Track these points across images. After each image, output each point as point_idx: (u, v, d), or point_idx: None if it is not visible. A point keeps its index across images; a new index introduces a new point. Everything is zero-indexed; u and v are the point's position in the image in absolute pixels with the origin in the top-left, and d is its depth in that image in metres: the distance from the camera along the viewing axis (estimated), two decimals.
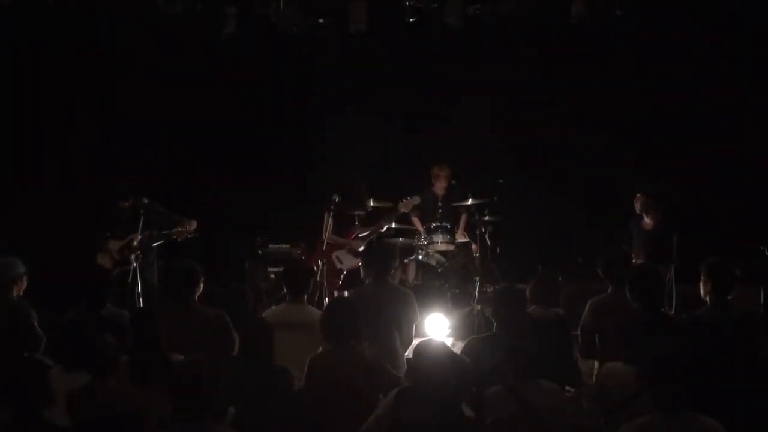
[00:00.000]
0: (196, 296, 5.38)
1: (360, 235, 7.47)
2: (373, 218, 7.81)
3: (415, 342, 5.69)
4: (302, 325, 5.08)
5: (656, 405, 3.37)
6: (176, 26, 8.11)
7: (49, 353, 4.82)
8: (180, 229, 7.20)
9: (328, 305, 4.77)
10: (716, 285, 4.72)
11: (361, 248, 7.41)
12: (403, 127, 9.04)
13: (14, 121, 8.74)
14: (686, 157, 8.49)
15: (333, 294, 7.32)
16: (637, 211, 7.34)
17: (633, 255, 7.05)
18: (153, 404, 3.84)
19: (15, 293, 5.54)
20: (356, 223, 7.52)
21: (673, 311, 6.56)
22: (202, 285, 5.45)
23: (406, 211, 7.73)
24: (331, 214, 7.11)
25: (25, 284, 5.63)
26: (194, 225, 7.29)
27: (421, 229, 8.41)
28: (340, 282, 7.36)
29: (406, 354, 5.39)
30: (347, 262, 7.39)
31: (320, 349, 4.71)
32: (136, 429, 3.75)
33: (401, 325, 5.35)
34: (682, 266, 6.88)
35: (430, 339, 3.98)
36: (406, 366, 5.15)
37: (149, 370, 4.13)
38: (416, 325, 5.59)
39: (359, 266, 7.36)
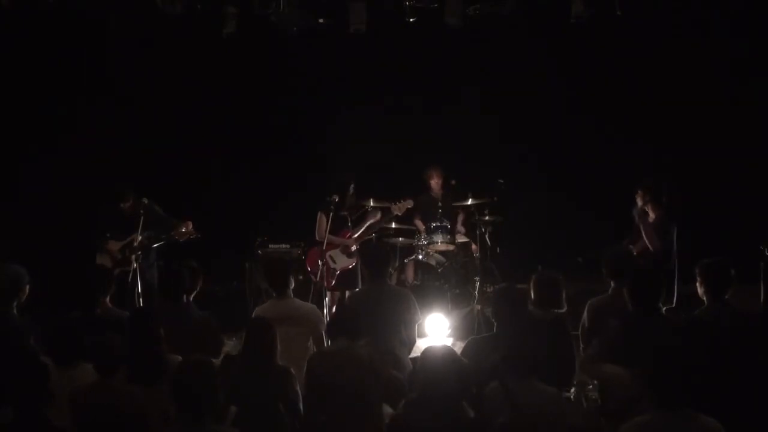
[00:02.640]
0: (192, 297, 5.41)
1: (353, 236, 7.47)
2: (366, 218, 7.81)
3: (419, 342, 5.72)
4: (288, 318, 5.11)
5: (655, 404, 3.37)
6: (176, 26, 8.11)
7: (48, 354, 4.81)
8: (179, 231, 7.21)
9: (336, 308, 4.80)
10: (712, 285, 4.76)
11: (354, 248, 7.41)
12: (402, 127, 9.04)
13: (15, 120, 8.74)
14: (686, 157, 8.49)
15: (328, 294, 7.31)
16: (639, 205, 7.32)
17: (634, 247, 7.05)
18: (155, 404, 3.84)
19: (16, 303, 5.30)
20: (348, 224, 7.51)
21: (674, 305, 6.53)
22: (198, 286, 5.49)
23: (399, 214, 7.73)
24: (330, 214, 7.10)
25: (26, 293, 5.39)
26: (190, 225, 7.29)
27: (422, 228, 8.41)
28: (334, 282, 7.35)
29: (410, 355, 5.39)
30: (340, 262, 7.37)
31: (310, 343, 4.71)
32: (139, 428, 3.75)
33: (401, 326, 5.34)
34: (684, 265, 6.87)
35: (435, 346, 3.96)
36: (410, 366, 5.15)
37: (148, 370, 4.13)
38: (418, 325, 5.58)
39: (352, 266, 7.38)
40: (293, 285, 5.42)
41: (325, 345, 5.07)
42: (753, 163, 8.36)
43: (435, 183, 8.55)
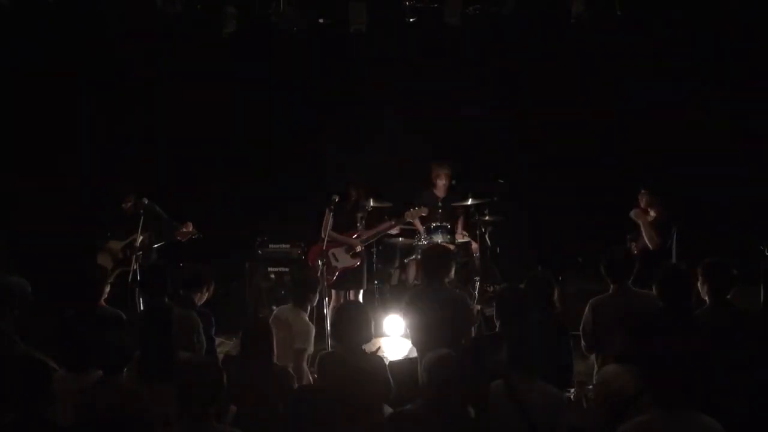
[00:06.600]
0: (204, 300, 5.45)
1: (362, 237, 7.46)
2: (374, 219, 7.80)
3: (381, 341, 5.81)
4: (288, 326, 5.32)
5: (655, 403, 3.37)
6: (176, 26, 8.11)
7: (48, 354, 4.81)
8: (180, 231, 7.22)
9: (338, 309, 4.78)
10: (714, 285, 4.76)
11: (360, 249, 7.40)
12: (403, 127, 9.04)
13: (16, 121, 8.74)
14: (686, 157, 8.49)
15: (331, 293, 7.31)
16: (642, 207, 7.34)
17: (635, 245, 7.07)
18: (159, 402, 3.84)
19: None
20: (358, 225, 7.51)
21: None
22: (210, 289, 5.52)
23: (412, 221, 7.75)
24: (332, 212, 7.10)
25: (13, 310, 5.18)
26: (190, 226, 7.30)
27: (421, 228, 8.41)
28: (334, 279, 7.34)
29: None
30: (343, 260, 7.36)
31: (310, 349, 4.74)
32: (141, 427, 3.75)
33: (453, 327, 5.27)
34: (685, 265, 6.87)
35: (443, 353, 3.95)
36: None
37: (159, 368, 4.12)
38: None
39: (354, 266, 7.37)
40: (314, 303, 5.63)
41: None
42: (753, 163, 8.35)
43: (441, 183, 8.39)
